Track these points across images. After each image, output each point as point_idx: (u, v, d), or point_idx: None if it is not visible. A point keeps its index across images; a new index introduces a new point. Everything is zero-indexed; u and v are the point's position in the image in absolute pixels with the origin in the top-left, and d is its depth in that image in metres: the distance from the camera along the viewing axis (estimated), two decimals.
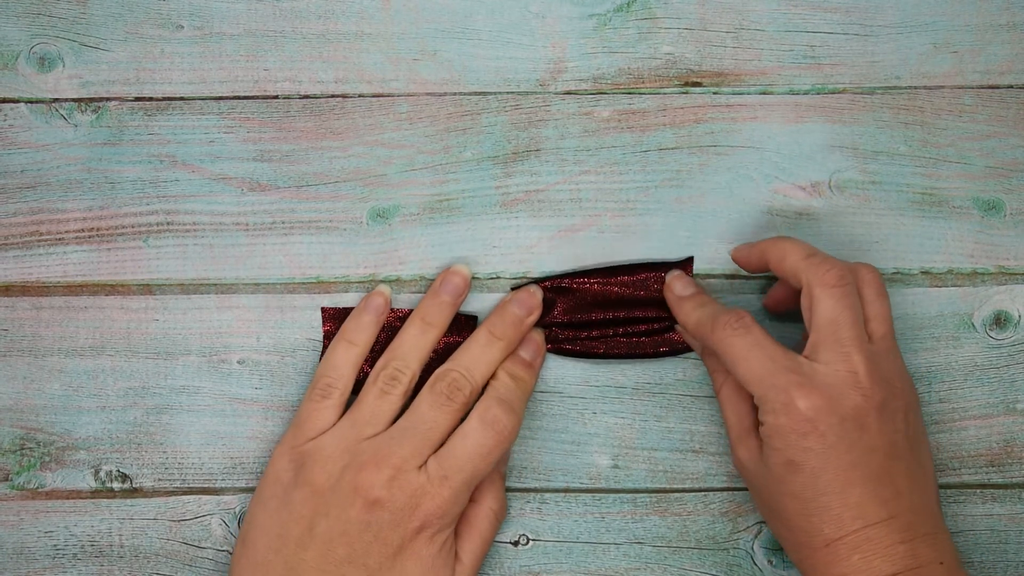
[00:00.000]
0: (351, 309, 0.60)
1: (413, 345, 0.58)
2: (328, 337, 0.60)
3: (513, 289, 0.60)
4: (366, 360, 0.59)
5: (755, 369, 0.54)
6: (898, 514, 0.53)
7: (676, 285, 0.59)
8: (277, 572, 0.55)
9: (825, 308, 0.54)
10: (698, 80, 0.61)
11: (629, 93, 0.61)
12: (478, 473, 0.56)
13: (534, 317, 0.59)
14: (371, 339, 0.59)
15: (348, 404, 0.58)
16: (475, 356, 0.58)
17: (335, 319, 0.60)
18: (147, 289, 0.60)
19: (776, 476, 0.54)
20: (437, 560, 0.56)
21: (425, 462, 0.56)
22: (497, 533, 0.60)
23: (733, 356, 0.55)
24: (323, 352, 0.60)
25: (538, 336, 0.60)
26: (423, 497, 0.55)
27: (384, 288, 0.60)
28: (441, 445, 0.56)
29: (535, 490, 0.61)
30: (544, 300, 0.60)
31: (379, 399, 0.57)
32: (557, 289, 0.60)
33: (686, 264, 0.60)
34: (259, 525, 0.56)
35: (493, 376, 0.58)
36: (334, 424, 0.57)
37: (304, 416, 0.58)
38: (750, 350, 0.54)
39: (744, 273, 0.61)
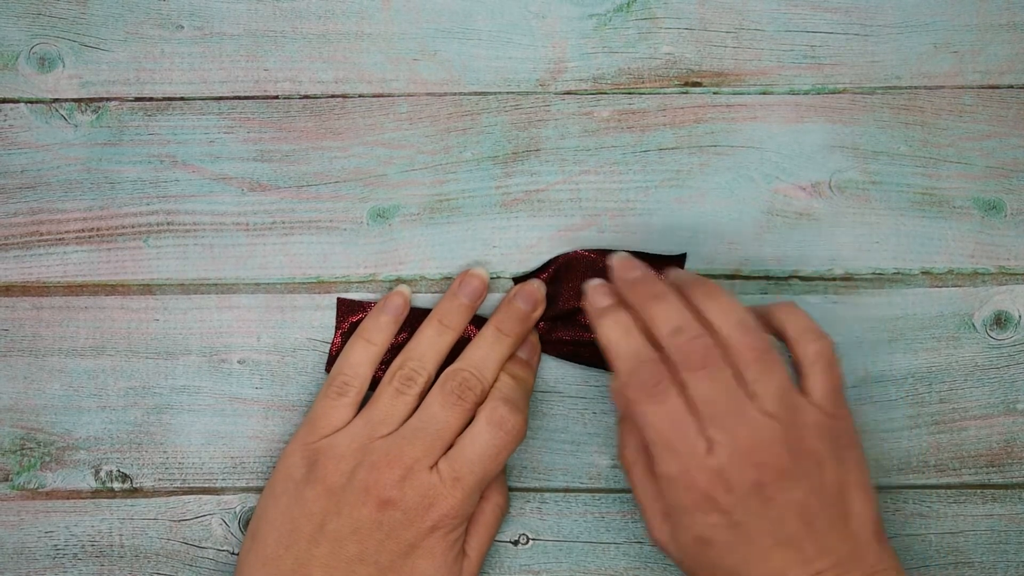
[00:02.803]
0: (368, 303, 0.60)
1: (430, 346, 0.58)
2: (341, 328, 0.60)
3: (516, 281, 0.60)
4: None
5: (662, 443, 0.53)
6: (825, 569, 0.52)
7: (595, 296, 0.56)
8: (287, 567, 0.55)
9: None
10: (698, 80, 0.61)
11: (629, 93, 0.61)
12: (489, 474, 0.56)
13: (539, 311, 0.59)
14: (389, 339, 0.59)
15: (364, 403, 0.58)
16: (484, 354, 0.58)
17: (351, 311, 0.60)
18: (147, 289, 0.60)
19: (692, 553, 0.54)
20: (448, 556, 0.56)
21: (436, 462, 0.56)
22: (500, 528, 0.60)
23: (643, 424, 0.53)
24: (334, 342, 0.60)
25: (533, 336, 0.60)
26: (436, 498, 0.55)
27: (404, 288, 0.60)
28: (452, 445, 0.56)
29: (535, 490, 0.61)
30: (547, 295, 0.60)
31: (394, 399, 0.57)
32: (555, 273, 0.60)
33: (679, 260, 0.60)
34: (269, 520, 0.56)
35: None
36: (348, 422, 0.57)
37: (319, 413, 0.58)
38: (661, 419, 0.53)
39: (744, 272, 0.61)
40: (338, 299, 0.60)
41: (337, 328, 0.60)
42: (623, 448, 0.57)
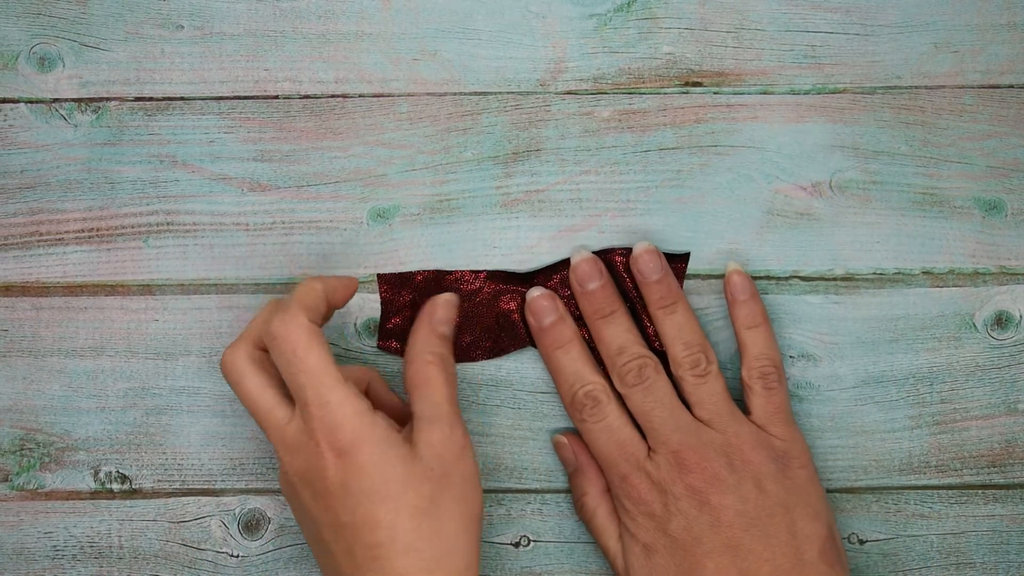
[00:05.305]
0: (408, 274, 0.60)
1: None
2: (386, 304, 0.59)
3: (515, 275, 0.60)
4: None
5: (604, 456, 0.57)
6: None
7: (539, 312, 0.59)
8: None
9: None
10: (699, 80, 0.61)
11: (629, 93, 0.61)
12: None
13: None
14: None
15: None
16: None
17: (390, 283, 0.60)
18: (147, 289, 0.60)
19: (642, 565, 0.56)
20: None
21: None
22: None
23: (587, 439, 0.58)
24: (382, 317, 0.59)
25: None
26: None
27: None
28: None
29: (536, 491, 0.60)
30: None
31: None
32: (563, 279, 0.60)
33: (682, 259, 0.60)
34: None
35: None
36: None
37: None
38: (599, 434, 0.57)
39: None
40: (378, 275, 0.60)
41: (383, 305, 0.59)
42: (582, 496, 0.59)
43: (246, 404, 0.53)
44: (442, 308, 0.57)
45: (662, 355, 0.59)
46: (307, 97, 0.61)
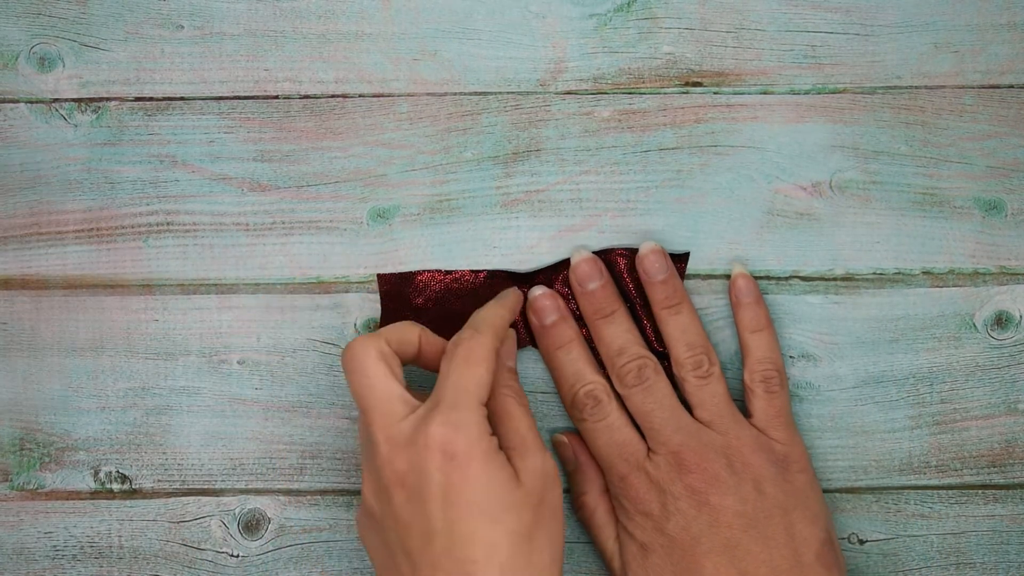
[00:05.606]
0: (408, 274, 0.60)
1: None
2: (386, 304, 0.59)
3: (512, 278, 0.60)
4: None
5: (603, 456, 0.58)
6: None
7: (541, 311, 0.59)
8: None
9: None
10: (699, 80, 0.61)
11: (629, 93, 0.61)
12: None
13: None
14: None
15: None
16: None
17: (390, 283, 0.60)
18: (147, 289, 0.60)
19: (639, 565, 0.56)
20: None
21: None
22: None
23: (587, 439, 0.58)
24: (383, 316, 0.60)
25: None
26: None
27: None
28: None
29: None
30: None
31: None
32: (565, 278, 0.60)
33: (682, 259, 0.60)
34: None
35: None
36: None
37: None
38: (599, 434, 0.58)
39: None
40: (378, 275, 0.60)
41: (383, 300, 0.60)
42: (581, 495, 0.59)
43: (364, 392, 0.53)
44: (508, 343, 0.57)
45: (661, 356, 0.59)
46: (307, 97, 0.61)
